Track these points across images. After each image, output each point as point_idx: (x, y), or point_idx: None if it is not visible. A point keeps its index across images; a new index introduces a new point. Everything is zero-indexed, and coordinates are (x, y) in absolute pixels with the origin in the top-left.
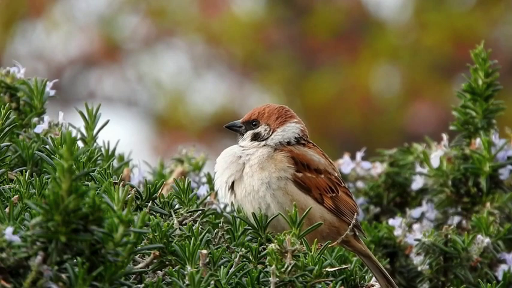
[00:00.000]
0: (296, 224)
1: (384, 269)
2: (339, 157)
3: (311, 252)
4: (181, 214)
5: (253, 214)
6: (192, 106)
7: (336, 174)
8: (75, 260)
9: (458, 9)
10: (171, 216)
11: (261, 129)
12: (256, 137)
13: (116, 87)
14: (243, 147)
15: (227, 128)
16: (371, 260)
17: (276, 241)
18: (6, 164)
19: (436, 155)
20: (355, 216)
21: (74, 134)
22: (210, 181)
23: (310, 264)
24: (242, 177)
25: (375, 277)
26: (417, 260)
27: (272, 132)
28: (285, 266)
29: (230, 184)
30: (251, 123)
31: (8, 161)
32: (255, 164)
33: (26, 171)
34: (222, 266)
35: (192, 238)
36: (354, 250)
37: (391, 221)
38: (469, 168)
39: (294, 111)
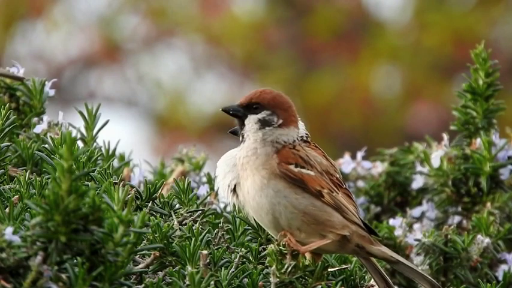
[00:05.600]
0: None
1: (383, 271)
2: (340, 157)
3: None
4: (181, 214)
5: None
6: (192, 106)
7: (338, 176)
8: (75, 260)
9: (458, 10)
10: (171, 216)
11: (264, 115)
12: (264, 123)
13: (116, 87)
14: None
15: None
16: (371, 262)
17: (275, 242)
18: (6, 164)
19: (437, 155)
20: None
21: (73, 134)
22: (210, 181)
23: (311, 265)
24: (241, 180)
25: (374, 279)
26: (417, 260)
27: (275, 118)
28: (285, 267)
29: (232, 187)
30: (249, 107)
31: (8, 161)
32: (253, 167)
33: (26, 171)
34: (222, 267)
35: (193, 239)
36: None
37: (391, 221)
38: (469, 168)
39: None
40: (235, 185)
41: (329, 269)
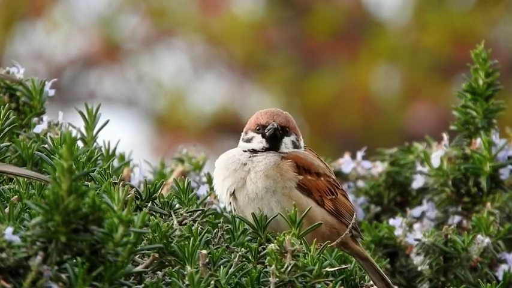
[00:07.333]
0: (296, 224)
1: (382, 272)
2: (339, 157)
3: (310, 252)
4: (181, 214)
5: (253, 214)
6: (192, 106)
7: (334, 177)
8: (75, 260)
9: (458, 10)
10: (171, 216)
11: (294, 137)
12: (294, 146)
13: (116, 87)
14: (250, 152)
15: (273, 131)
16: (369, 262)
17: (275, 241)
18: (6, 164)
19: (437, 155)
20: (353, 218)
21: (73, 134)
22: (210, 181)
23: (309, 264)
24: (245, 183)
25: (373, 280)
26: (417, 260)
27: (300, 141)
28: (285, 266)
29: (232, 191)
30: (285, 130)
31: (8, 161)
32: (261, 171)
33: None
34: (221, 266)
35: (192, 238)
36: (351, 253)
37: (391, 221)
38: (469, 168)
39: (294, 111)
40: (234, 190)
41: (329, 269)
